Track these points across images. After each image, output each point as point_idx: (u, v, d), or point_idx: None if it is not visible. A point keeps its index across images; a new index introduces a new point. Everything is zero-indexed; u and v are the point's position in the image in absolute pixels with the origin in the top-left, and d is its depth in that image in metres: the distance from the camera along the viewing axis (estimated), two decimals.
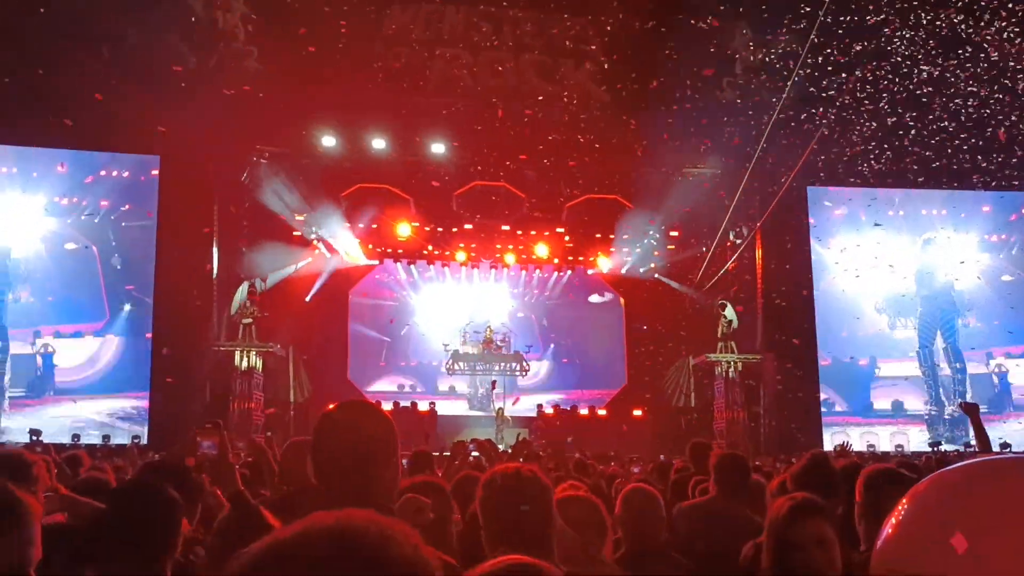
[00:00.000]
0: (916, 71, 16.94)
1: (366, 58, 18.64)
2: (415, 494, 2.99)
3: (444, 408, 21.44)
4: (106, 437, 17.40)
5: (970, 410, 5.61)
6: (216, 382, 19.23)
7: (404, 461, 6.25)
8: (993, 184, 20.50)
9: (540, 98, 19.55)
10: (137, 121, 16.05)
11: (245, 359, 19.50)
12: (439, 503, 3.48)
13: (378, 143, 19.90)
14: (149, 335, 18.72)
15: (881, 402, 21.11)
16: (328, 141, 19.78)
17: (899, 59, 16.88)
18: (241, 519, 2.93)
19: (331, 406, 2.34)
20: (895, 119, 18.20)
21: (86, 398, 18.60)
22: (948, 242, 21.50)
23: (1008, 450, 18.08)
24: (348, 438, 2.10)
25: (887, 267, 20.73)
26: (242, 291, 19.72)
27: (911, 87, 17.62)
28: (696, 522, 4.14)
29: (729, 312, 21.20)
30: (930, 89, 17.70)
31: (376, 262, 23.05)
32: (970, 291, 21.35)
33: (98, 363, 18.82)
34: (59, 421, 17.77)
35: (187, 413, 17.07)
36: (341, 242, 21.90)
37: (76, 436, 17.08)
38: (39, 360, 18.52)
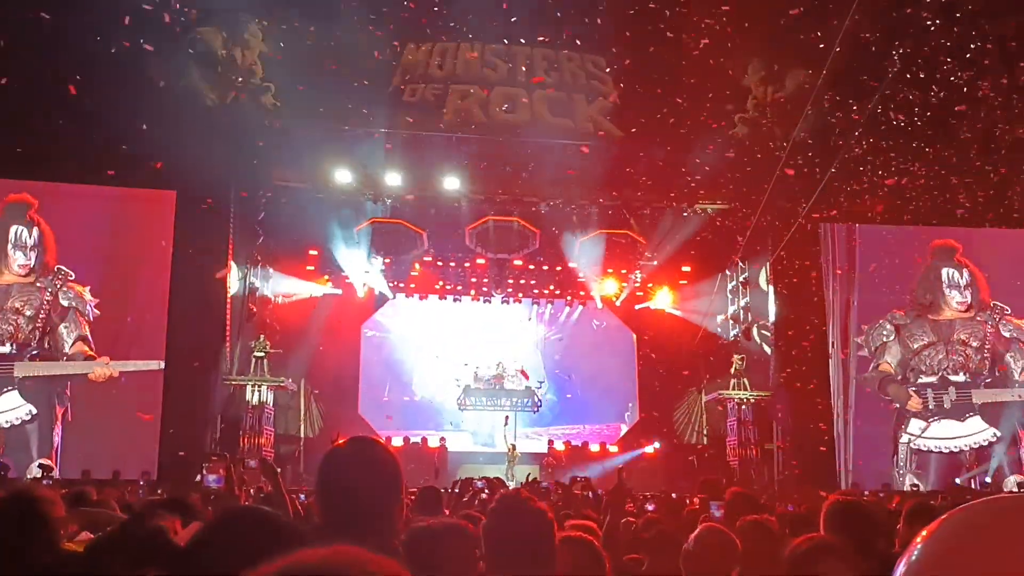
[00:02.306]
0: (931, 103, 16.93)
1: (381, 94, 18.82)
2: None
3: (454, 444, 21.26)
4: (116, 473, 17.24)
5: None
6: (227, 416, 19.17)
7: (413, 496, 6.20)
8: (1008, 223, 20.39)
9: (553, 133, 19.67)
10: (152, 156, 16.16)
11: (256, 393, 19.47)
12: None
13: (392, 178, 20.03)
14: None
15: None
16: (343, 176, 19.91)
17: (913, 96, 16.86)
18: None
19: (337, 442, 2.32)
20: (909, 156, 18.16)
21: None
22: (958, 280, 21.24)
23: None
24: (352, 475, 2.08)
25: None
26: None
27: (926, 123, 17.60)
28: None
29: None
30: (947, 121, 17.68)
31: (389, 296, 23.08)
32: None
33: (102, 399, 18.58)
34: (66, 455, 17.64)
35: (197, 447, 17.01)
36: (354, 276, 21.98)
37: (86, 472, 16.96)
38: None
